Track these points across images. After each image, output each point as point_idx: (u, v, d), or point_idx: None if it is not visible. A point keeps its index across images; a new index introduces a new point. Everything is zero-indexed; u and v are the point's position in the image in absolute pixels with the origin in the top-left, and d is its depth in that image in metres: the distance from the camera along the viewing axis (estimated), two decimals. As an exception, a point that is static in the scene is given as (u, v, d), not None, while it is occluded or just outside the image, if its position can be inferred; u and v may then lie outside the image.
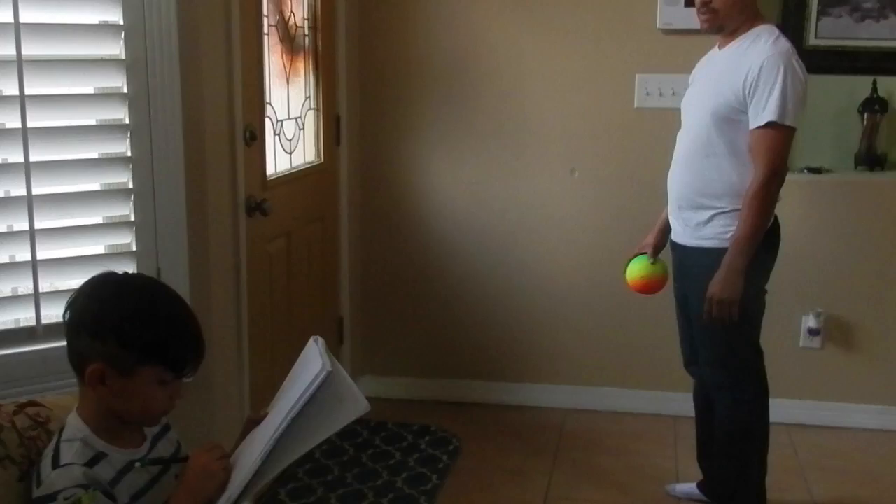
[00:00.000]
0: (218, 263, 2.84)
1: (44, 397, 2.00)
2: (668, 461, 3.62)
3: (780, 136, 2.73)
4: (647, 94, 3.88)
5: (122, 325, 1.68)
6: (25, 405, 1.96)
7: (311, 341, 1.94)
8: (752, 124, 2.75)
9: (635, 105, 3.90)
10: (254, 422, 1.88)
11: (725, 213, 2.85)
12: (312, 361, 1.80)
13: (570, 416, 4.07)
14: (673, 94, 3.80)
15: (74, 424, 1.74)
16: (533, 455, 3.73)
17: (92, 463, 1.69)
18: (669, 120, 3.74)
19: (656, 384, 3.99)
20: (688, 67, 3.54)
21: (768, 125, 2.71)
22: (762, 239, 2.82)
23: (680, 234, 3.02)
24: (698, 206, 2.91)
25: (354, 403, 1.72)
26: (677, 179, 3.00)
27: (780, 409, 3.80)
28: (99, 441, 1.72)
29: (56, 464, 1.69)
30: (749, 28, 2.85)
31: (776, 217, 2.93)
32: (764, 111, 2.71)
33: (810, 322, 3.89)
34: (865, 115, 3.78)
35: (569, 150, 3.99)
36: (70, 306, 1.74)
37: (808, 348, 3.92)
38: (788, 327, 3.89)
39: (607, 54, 3.90)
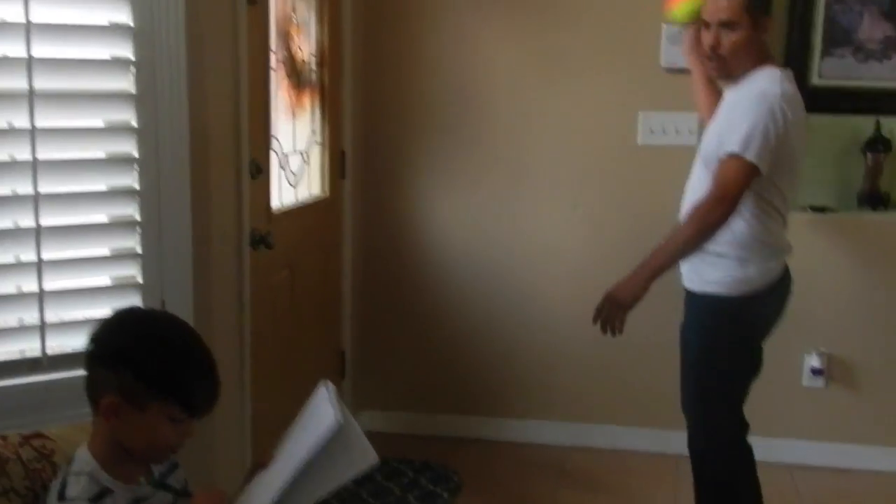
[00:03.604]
0: (222, 296, 2.84)
1: (49, 429, 2.00)
2: (670, 502, 3.60)
3: (739, 167, 2.65)
4: (651, 131, 3.91)
5: (139, 359, 1.69)
6: (31, 437, 1.96)
7: (320, 386, 1.93)
8: (719, 148, 2.72)
9: (638, 142, 3.93)
10: (259, 465, 1.88)
11: (728, 259, 2.79)
12: (323, 409, 1.79)
13: (572, 454, 4.05)
14: (676, 132, 3.84)
15: (83, 457, 1.74)
16: (534, 493, 3.72)
17: (97, 498, 1.69)
18: (672, 157, 3.78)
19: (658, 422, 3.97)
20: (691, 106, 3.58)
21: (731, 155, 2.67)
22: (764, 293, 2.79)
23: (685, 278, 2.94)
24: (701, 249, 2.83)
25: (363, 456, 1.73)
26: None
27: (783, 449, 3.80)
28: (105, 476, 1.72)
29: (62, 497, 1.69)
30: (755, 70, 2.80)
31: (787, 268, 2.89)
32: (730, 142, 2.67)
33: (813, 361, 3.88)
34: (869, 155, 3.80)
35: (571, 185, 4.01)
36: (92, 337, 1.76)
37: (811, 388, 3.92)
38: (791, 366, 3.89)
39: (611, 92, 3.93)
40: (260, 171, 3.08)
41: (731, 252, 2.78)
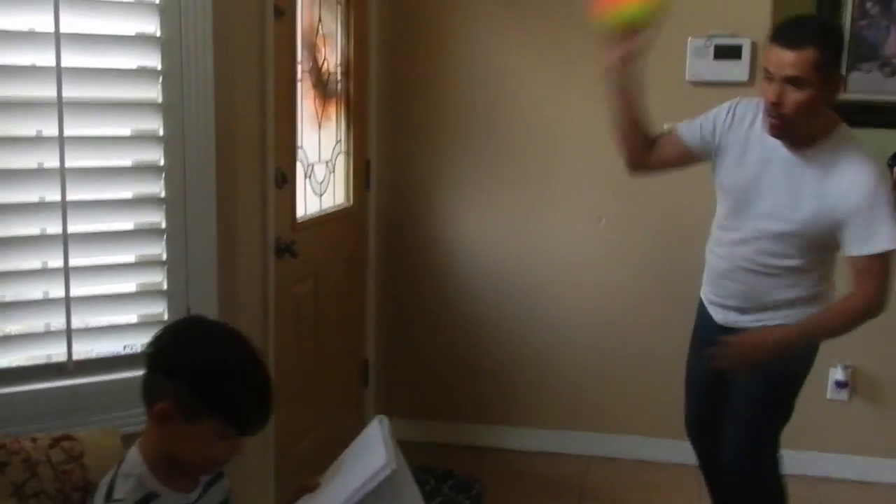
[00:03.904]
0: (246, 303, 2.87)
1: (77, 432, 2.03)
2: (692, 512, 3.60)
3: (890, 263, 2.57)
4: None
5: (195, 373, 1.70)
6: (60, 439, 1.98)
7: (375, 421, 1.95)
8: (863, 249, 2.54)
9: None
10: (305, 488, 1.90)
11: (802, 305, 2.73)
12: (376, 449, 1.79)
13: (594, 464, 4.05)
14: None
15: (133, 459, 1.76)
16: (555, 502, 3.71)
17: (143, 502, 1.70)
18: (697, 172, 3.75)
19: (681, 433, 3.95)
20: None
21: (885, 252, 2.54)
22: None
23: (735, 321, 2.83)
24: (766, 307, 2.76)
25: (415, 501, 1.72)
26: (738, 280, 2.78)
27: (807, 462, 3.78)
28: (154, 480, 1.73)
29: (109, 497, 1.71)
30: (827, 133, 2.59)
31: None
32: (881, 239, 2.52)
33: (838, 375, 3.86)
34: (895, 170, 3.78)
35: (596, 198, 4.02)
36: (154, 341, 1.77)
37: (836, 401, 3.90)
38: (816, 379, 3.83)
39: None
40: (285, 181, 3.11)
41: (810, 294, 2.75)
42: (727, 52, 3.79)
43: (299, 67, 3.26)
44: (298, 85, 3.25)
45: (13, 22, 2.31)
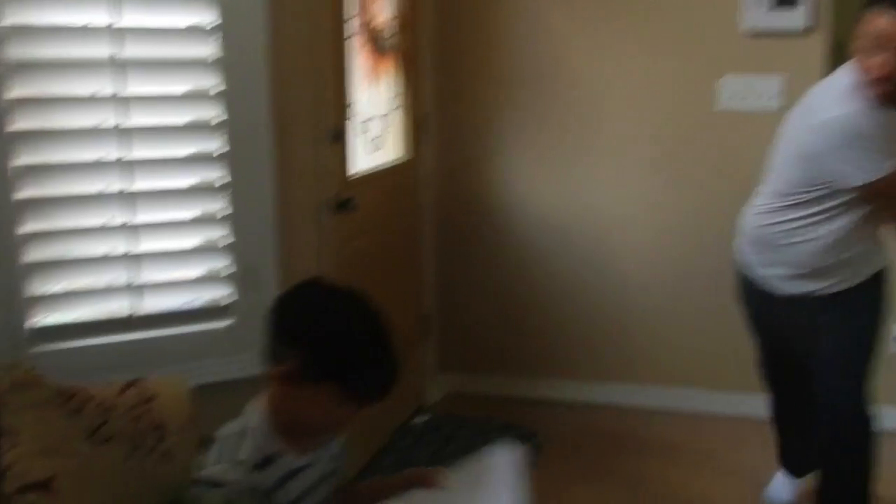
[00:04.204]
0: (305, 257, 2.89)
1: (145, 378, 2.08)
2: (753, 466, 3.57)
3: None
4: (730, 97, 3.84)
5: (318, 342, 1.68)
6: (130, 384, 2.04)
7: (507, 453, 1.90)
8: None
9: (717, 108, 3.87)
10: (420, 479, 1.87)
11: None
12: (504, 486, 1.78)
13: (653, 417, 4.05)
14: (757, 96, 3.77)
15: (254, 418, 1.74)
16: (615, 455, 3.73)
17: (262, 465, 1.69)
18: (751, 123, 3.73)
19: (742, 386, 3.94)
20: (772, 69, 3.51)
21: None
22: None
23: (834, 286, 2.84)
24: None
25: None
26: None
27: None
28: (275, 441, 1.72)
29: (232, 454, 1.70)
30: None
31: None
32: None
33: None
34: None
35: (650, 151, 3.98)
36: (277, 305, 1.75)
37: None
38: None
39: (689, 57, 3.87)
40: (340, 136, 3.13)
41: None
42: (783, 0, 3.71)
43: (352, 22, 3.26)
44: (351, 40, 3.25)
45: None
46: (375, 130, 3.59)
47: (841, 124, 2.57)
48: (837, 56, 3.76)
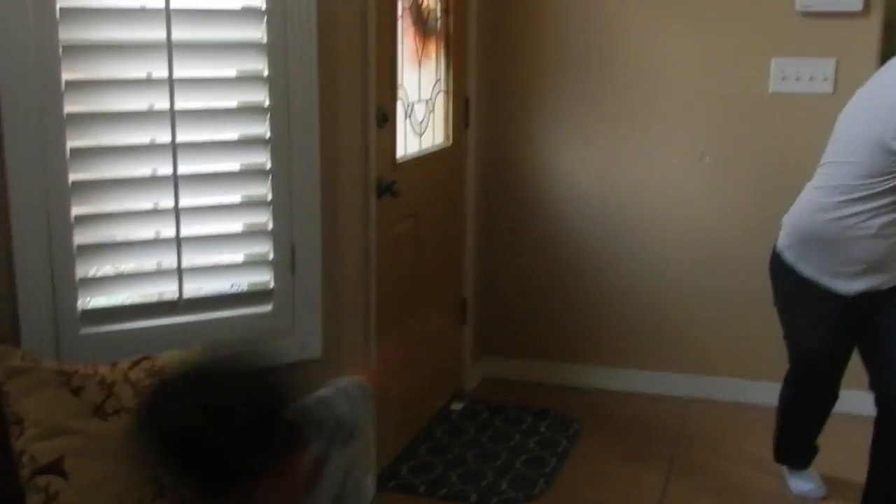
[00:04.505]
0: (348, 242, 2.89)
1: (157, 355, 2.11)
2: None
3: None
4: (783, 78, 3.78)
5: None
6: (139, 361, 2.07)
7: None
8: None
9: (770, 90, 3.82)
10: None
11: None
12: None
13: (692, 406, 4.03)
14: (811, 78, 3.72)
15: None
16: (653, 444, 3.71)
17: None
18: (806, 105, 3.68)
19: (780, 376, 3.90)
20: (826, 52, 3.45)
21: None
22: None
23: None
24: None
25: None
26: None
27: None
28: None
29: None
30: None
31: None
32: None
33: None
34: None
35: (699, 134, 3.94)
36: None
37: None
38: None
39: (741, 37, 3.82)
40: (386, 120, 3.12)
41: None
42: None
43: (400, 4, 3.24)
44: (399, 23, 3.23)
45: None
46: (419, 114, 3.57)
47: None
48: (889, 38, 3.71)
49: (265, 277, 2.64)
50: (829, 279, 2.83)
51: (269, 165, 2.57)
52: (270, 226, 2.61)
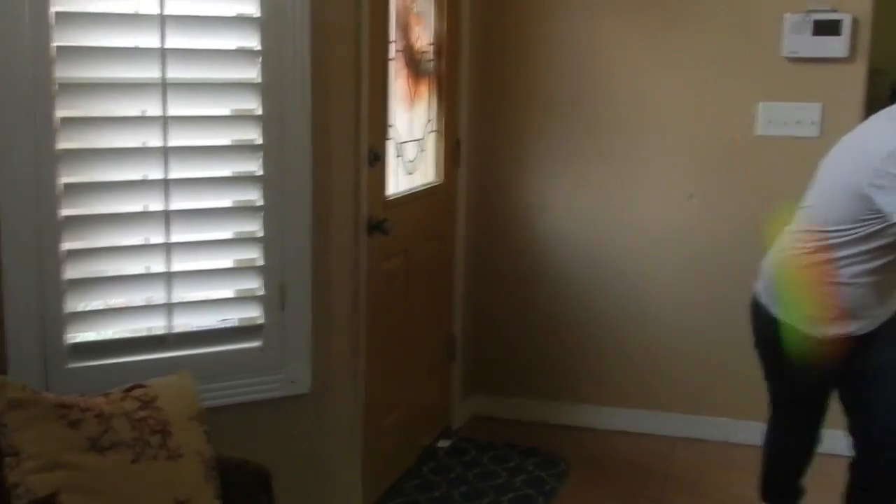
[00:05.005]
0: (338, 278, 2.90)
1: (148, 381, 2.11)
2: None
3: None
4: (770, 122, 3.84)
5: None
6: (131, 388, 2.06)
7: None
8: None
9: (757, 133, 3.87)
10: None
11: None
12: None
13: (680, 445, 4.04)
14: (797, 122, 3.77)
15: None
16: (639, 484, 3.72)
17: None
18: (791, 148, 3.73)
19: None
20: (812, 96, 3.51)
21: None
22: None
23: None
24: None
25: None
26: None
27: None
28: None
29: None
30: None
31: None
32: None
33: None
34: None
35: (686, 176, 3.99)
36: None
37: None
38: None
39: (729, 81, 3.89)
40: (377, 159, 3.15)
41: None
42: (826, 28, 3.71)
43: (392, 46, 3.29)
44: (391, 64, 3.27)
45: (119, 5, 2.38)
46: (411, 154, 3.61)
47: None
48: (875, 83, 3.77)
49: (255, 313, 2.66)
50: (803, 322, 2.84)
51: (260, 202, 2.59)
52: (261, 262, 2.63)
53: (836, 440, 3.16)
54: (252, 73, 2.54)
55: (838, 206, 2.69)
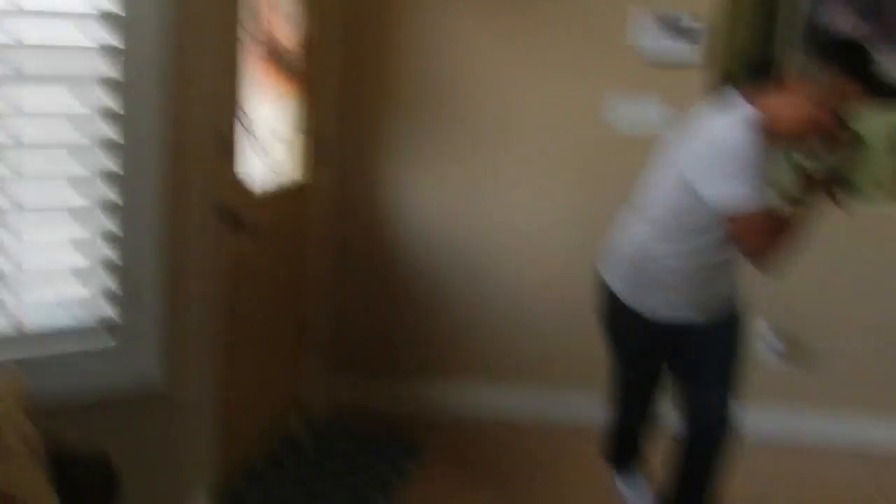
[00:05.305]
0: (193, 274, 2.87)
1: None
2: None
3: None
4: (619, 118, 4.07)
5: None
6: None
7: None
8: None
9: (606, 128, 4.09)
10: None
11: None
12: None
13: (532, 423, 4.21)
14: (645, 120, 4.04)
15: None
16: (496, 468, 3.84)
17: None
18: (638, 145, 3.87)
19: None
20: (659, 92, 3.70)
21: None
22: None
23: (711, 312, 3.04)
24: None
25: None
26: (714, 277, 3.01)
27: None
28: None
29: None
30: None
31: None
32: None
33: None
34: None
35: (542, 167, 4.17)
36: None
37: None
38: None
39: (581, 77, 4.08)
40: (229, 145, 3.11)
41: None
42: (677, 30, 3.96)
43: (249, 41, 3.23)
44: (248, 60, 3.23)
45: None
46: (276, 152, 3.61)
47: (735, 147, 2.69)
48: (719, 85, 3.95)
49: (106, 312, 2.62)
50: (638, 302, 3.00)
51: (111, 200, 2.56)
52: (114, 259, 2.59)
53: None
54: (109, 69, 2.50)
55: (672, 196, 2.85)
